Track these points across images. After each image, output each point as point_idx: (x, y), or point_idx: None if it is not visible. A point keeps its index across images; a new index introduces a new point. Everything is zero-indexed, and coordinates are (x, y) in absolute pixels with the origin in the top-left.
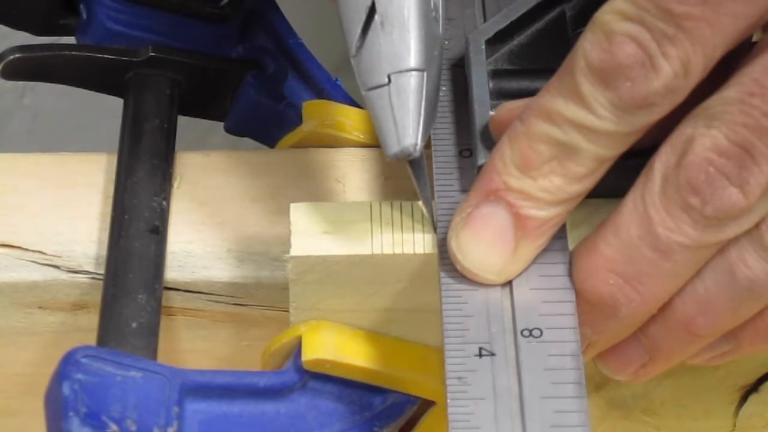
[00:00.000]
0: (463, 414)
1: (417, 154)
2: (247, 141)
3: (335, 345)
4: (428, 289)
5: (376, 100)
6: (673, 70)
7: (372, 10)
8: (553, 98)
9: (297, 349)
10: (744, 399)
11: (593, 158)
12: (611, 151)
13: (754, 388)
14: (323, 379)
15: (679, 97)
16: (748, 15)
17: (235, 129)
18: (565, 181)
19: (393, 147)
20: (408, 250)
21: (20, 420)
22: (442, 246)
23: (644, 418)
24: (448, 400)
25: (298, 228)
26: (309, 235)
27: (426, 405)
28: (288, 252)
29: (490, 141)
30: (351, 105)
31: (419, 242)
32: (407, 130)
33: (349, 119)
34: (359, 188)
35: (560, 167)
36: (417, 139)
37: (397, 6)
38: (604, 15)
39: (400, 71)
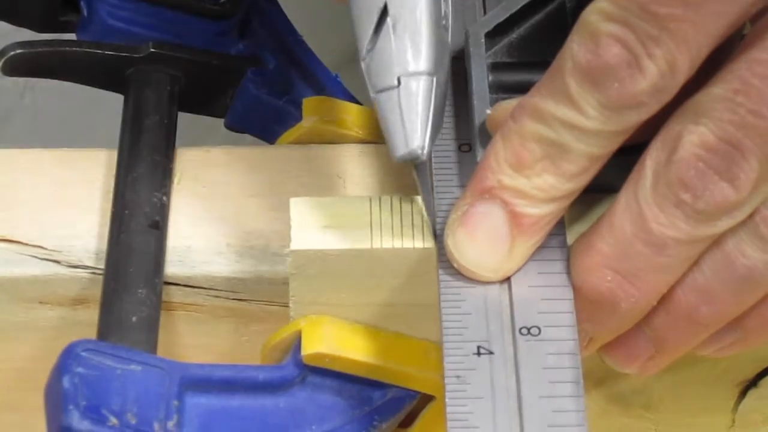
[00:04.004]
0: (462, 413)
1: (424, 157)
2: (247, 137)
3: (335, 339)
4: (428, 283)
5: (385, 102)
6: (659, 70)
7: (384, 12)
8: (543, 98)
9: (297, 343)
10: (743, 394)
11: (585, 157)
12: (602, 149)
13: (753, 383)
14: (323, 374)
15: (667, 96)
16: (731, 13)
17: (235, 125)
18: (558, 180)
19: (401, 149)
20: (408, 244)
21: (21, 414)
22: (441, 243)
23: (643, 414)
24: (447, 399)
25: (297, 222)
26: (309, 229)
27: (425, 399)
28: (288, 246)
29: (488, 137)
30: (351, 101)
31: (419, 237)
32: (416, 132)
33: (349, 115)
34: (359, 184)
35: (553, 166)
36: (425, 141)
37: (410, 9)
38: (589, 15)
39: (411, 74)
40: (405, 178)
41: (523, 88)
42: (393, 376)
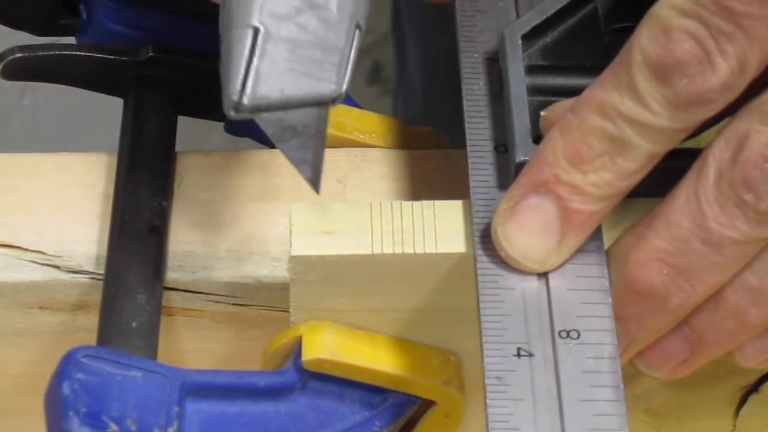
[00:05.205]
0: (503, 415)
1: (238, 113)
2: (247, 141)
3: (335, 345)
4: (428, 289)
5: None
6: (730, 67)
7: None
8: (607, 92)
9: (297, 348)
10: (744, 399)
11: (644, 154)
12: (662, 147)
13: (754, 388)
14: (323, 379)
15: (734, 94)
16: None
17: (235, 129)
18: (615, 177)
19: (225, 99)
20: (408, 250)
21: (20, 420)
22: (482, 242)
23: (645, 419)
24: (487, 401)
25: (298, 228)
26: (309, 234)
27: (426, 405)
28: (288, 252)
29: (527, 137)
30: (351, 105)
31: (419, 242)
32: (230, 83)
33: (349, 119)
34: (359, 188)
35: (611, 162)
36: (237, 94)
37: None
38: (661, 10)
39: (239, 27)
40: (406, 182)
41: (557, 92)
42: (394, 382)
